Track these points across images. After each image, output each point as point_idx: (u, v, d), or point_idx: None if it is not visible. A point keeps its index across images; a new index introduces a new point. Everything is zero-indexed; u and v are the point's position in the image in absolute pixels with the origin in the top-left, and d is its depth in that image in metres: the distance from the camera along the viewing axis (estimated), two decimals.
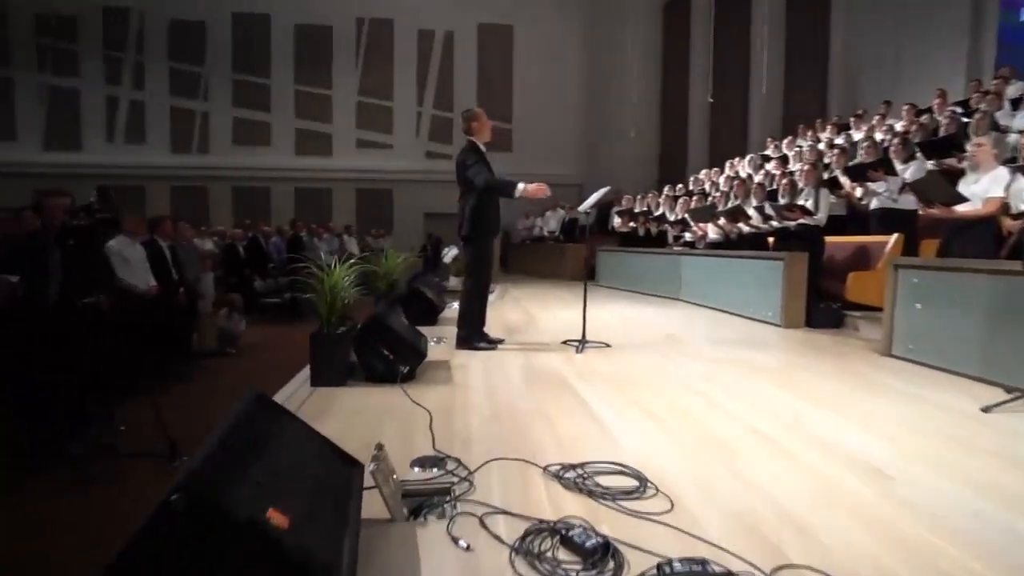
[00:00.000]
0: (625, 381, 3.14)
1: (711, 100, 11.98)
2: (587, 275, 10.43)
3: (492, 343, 4.00)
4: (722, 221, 6.57)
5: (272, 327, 7.48)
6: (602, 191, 4.00)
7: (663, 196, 8.47)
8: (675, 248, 7.71)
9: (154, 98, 15.77)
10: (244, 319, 6.66)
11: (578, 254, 11.04)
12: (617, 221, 9.16)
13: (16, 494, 2.21)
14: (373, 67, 16.29)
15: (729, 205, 6.72)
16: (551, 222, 12.19)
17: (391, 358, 2.91)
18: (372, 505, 1.52)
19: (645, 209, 8.75)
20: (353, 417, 2.47)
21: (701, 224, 7.12)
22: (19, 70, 15.61)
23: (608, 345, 4.06)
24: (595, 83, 15.98)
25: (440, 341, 4.21)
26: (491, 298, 7.75)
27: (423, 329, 4.61)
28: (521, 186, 3.86)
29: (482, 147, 4.00)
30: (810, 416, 2.53)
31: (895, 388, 3.04)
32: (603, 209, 11.41)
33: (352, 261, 3.17)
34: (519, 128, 16.23)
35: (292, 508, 1.07)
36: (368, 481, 1.49)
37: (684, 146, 14.17)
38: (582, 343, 4.00)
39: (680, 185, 9.17)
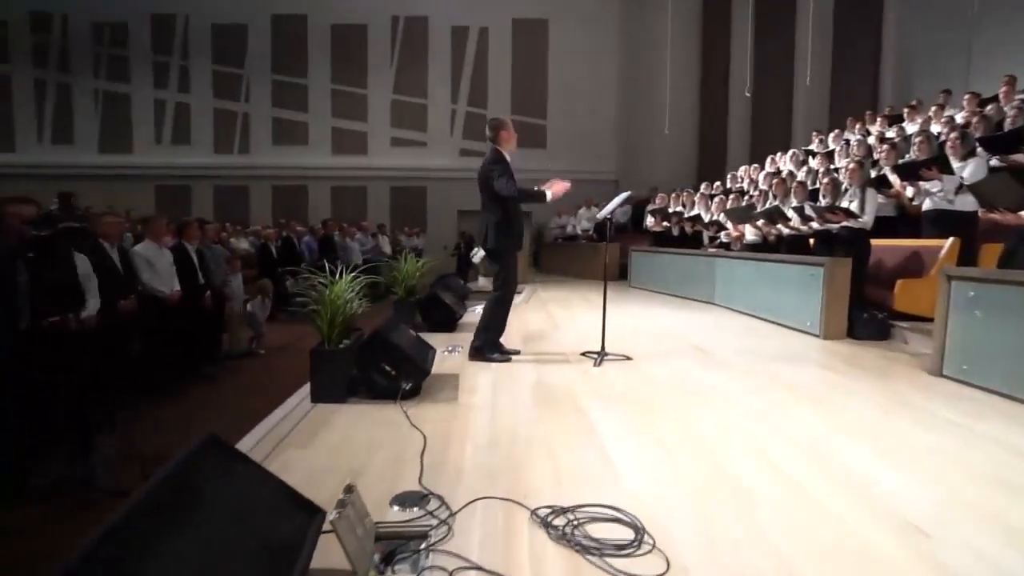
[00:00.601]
0: (640, 401, 2.94)
1: (749, 95, 11.43)
2: (617, 275, 10.24)
3: (506, 355, 3.86)
4: (760, 222, 6.22)
5: (303, 327, 7.58)
6: (622, 196, 3.78)
7: (699, 195, 8.11)
8: (710, 250, 7.37)
9: (198, 100, 16.29)
10: (270, 303, 6.80)
11: (611, 254, 10.78)
12: (650, 220, 8.85)
13: None
14: (407, 65, 16.34)
15: (768, 205, 6.36)
16: (583, 220, 11.93)
17: (393, 374, 2.82)
18: (338, 553, 1.41)
19: (680, 208, 8.41)
20: (346, 440, 2.38)
21: (738, 225, 6.77)
22: (77, 77, 16.42)
23: (629, 358, 3.86)
24: (631, 77, 15.55)
25: (455, 350, 4.11)
26: (516, 300, 7.64)
27: (441, 336, 4.56)
28: (548, 193, 3.74)
29: (507, 157, 3.86)
30: (842, 450, 2.28)
31: (944, 417, 2.73)
32: (638, 207, 11.12)
33: (354, 274, 3.07)
34: (554, 124, 16.01)
35: None
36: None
37: (724, 141, 13.62)
38: (601, 355, 3.81)
39: (717, 183, 8.78)
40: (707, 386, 3.25)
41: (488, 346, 3.80)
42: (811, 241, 5.67)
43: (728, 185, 8.64)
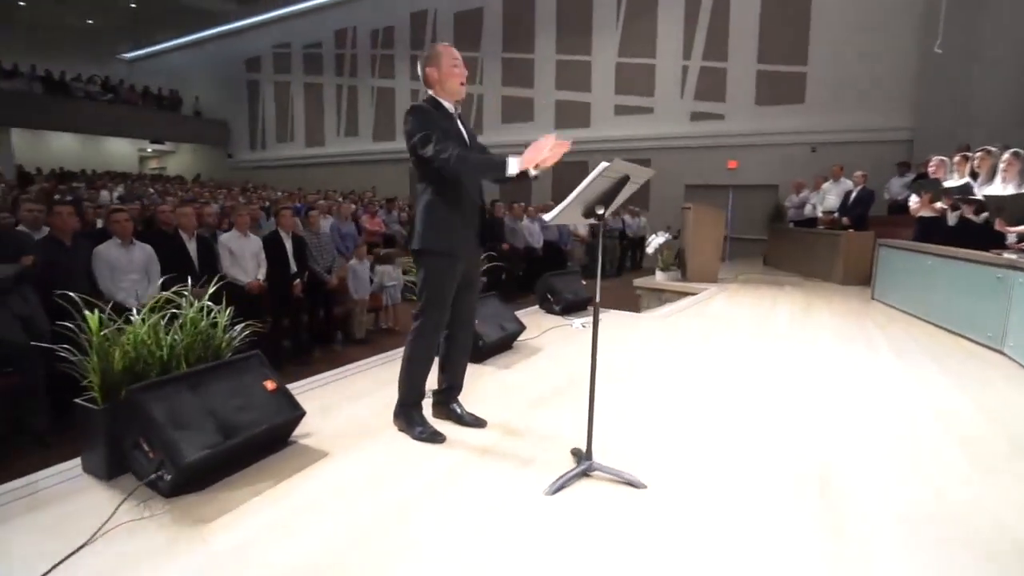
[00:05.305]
0: None
1: None
2: (867, 277, 7.01)
3: (439, 431, 2.46)
4: None
5: None
6: (597, 171, 1.87)
7: (1007, 157, 4.67)
8: (1006, 255, 4.14)
9: None
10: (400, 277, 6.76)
11: (862, 246, 7.49)
12: (914, 200, 5.64)
13: None
14: (634, 22, 14.52)
15: None
16: (829, 197, 8.60)
17: (151, 456, 1.87)
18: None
19: (966, 181, 5.06)
20: None
21: None
22: (361, 79, 19.54)
23: (635, 486, 2.02)
24: None
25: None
26: (653, 314, 5.71)
27: (469, 366, 3.29)
28: (513, 160, 2.17)
29: (450, 106, 2.44)
30: None
31: None
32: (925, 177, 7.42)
33: (163, 309, 2.17)
34: (817, 71, 12.12)
35: None
36: None
37: None
38: (578, 467, 2.10)
39: None
40: None
41: (412, 410, 2.47)
42: None
43: None
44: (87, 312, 1.96)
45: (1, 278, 3.36)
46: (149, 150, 25.33)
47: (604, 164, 1.89)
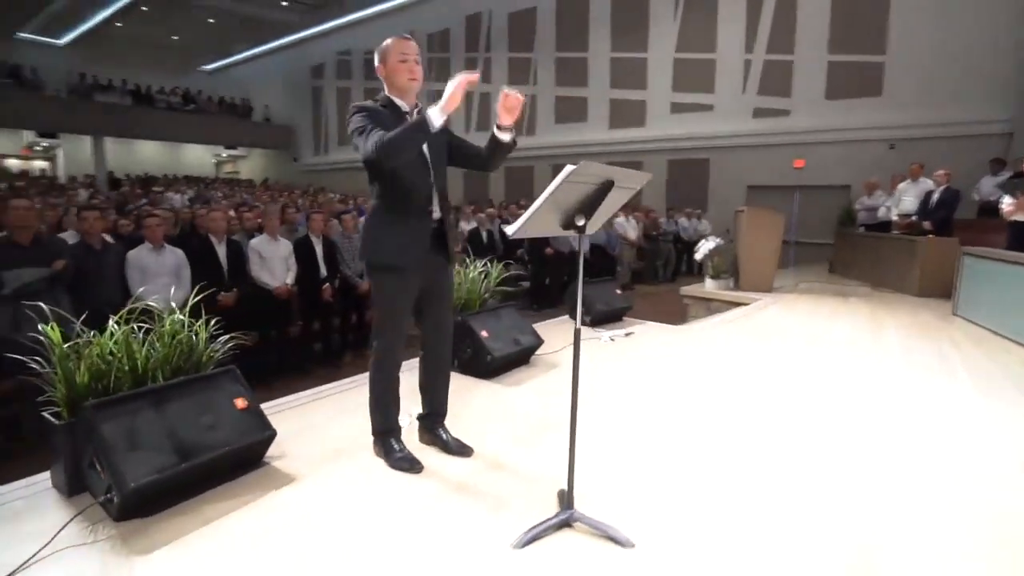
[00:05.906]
0: None
1: None
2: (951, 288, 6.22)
3: (430, 451, 2.28)
4: None
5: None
6: (561, 176, 1.57)
7: None
8: None
9: (495, 88, 17.56)
10: None
11: (943, 254, 6.66)
12: (1007, 202, 4.92)
13: None
14: (694, 15, 13.84)
15: None
16: (906, 198, 7.76)
17: (102, 475, 1.80)
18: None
19: None
20: None
21: None
22: None
23: (622, 544, 1.76)
24: None
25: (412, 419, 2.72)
26: (749, 309, 5.26)
27: (465, 385, 3.13)
28: (434, 111, 1.91)
29: (404, 106, 2.22)
30: None
31: None
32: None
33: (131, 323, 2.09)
34: (897, 60, 11.03)
35: None
36: None
37: None
38: (557, 515, 1.85)
39: None
40: None
41: (388, 436, 2.28)
42: None
43: None
44: (42, 326, 1.92)
45: (33, 281, 3.50)
46: (224, 155, 26.91)
47: (570, 167, 1.64)
